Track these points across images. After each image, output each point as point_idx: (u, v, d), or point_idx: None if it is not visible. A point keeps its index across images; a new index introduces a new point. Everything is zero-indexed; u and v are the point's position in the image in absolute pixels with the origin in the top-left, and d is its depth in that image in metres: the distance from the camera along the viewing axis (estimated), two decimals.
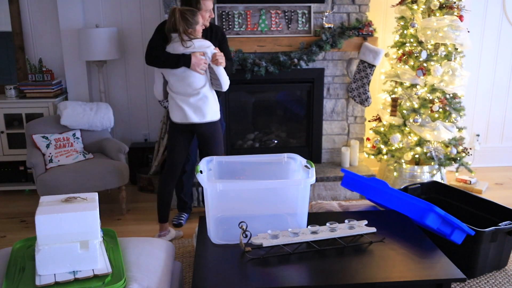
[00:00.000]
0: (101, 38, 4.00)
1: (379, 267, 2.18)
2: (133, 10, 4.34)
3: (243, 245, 2.24)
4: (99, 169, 3.64)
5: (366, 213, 2.80)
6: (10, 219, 3.82)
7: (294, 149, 4.37)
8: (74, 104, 3.99)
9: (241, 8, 4.07)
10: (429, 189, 3.34)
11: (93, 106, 4.06)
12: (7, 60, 4.39)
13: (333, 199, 4.18)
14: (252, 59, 3.98)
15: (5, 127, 4.11)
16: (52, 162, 3.67)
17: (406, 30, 4.08)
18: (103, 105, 4.10)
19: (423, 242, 2.41)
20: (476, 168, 4.66)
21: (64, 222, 1.94)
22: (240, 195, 2.47)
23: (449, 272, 2.13)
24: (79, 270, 1.97)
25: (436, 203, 3.06)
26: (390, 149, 4.18)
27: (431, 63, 3.98)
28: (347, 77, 4.29)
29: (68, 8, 4.14)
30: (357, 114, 4.40)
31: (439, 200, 3.28)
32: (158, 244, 2.41)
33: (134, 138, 4.65)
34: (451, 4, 3.92)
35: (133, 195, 4.25)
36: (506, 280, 2.88)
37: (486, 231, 2.70)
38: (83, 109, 3.97)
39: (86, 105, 4.04)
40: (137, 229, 3.62)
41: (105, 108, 4.07)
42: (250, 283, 2.09)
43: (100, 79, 4.27)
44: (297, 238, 2.29)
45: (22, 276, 1.98)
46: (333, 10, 4.15)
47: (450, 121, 4.05)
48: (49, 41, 4.36)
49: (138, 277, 2.03)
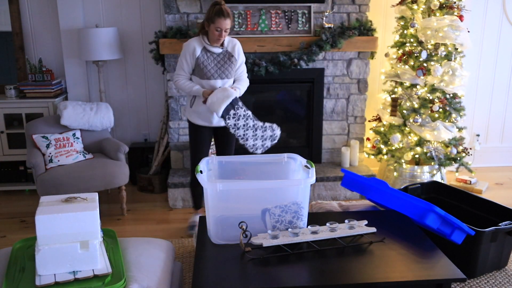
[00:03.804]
0: (101, 38, 4.00)
1: (379, 267, 2.18)
2: (133, 10, 4.34)
3: (243, 245, 2.24)
4: (99, 169, 3.64)
5: (366, 213, 2.80)
6: (10, 219, 3.82)
7: (294, 149, 4.37)
8: (74, 104, 3.99)
9: (241, 8, 4.07)
10: (429, 189, 3.34)
11: (93, 106, 4.06)
12: (7, 60, 4.39)
13: (333, 199, 4.18)
14: (252, 59, 3.98)
15: (5, 127, 4.11)
16: (52, 162, 3.67)
17: (406, 30, 4.08)
18: (103, 105, 4.10)
19: (423, 242, 2.41)
20: (476, 168, 4.66)
21: (64, 222, 1.94)
22: (240, 195, 2.47)
23: (449, 272, 2.13)
24: (79, 270, 1.97)
25: (436, 203, 3.06)
26: (390, 149, 4.18)
27: (431, 63, 3.98)
28: (347, 77, 4.29)
29: (68, 8, 4.14)
30: (357, 114, 4.40)
31: (439, 200, 3.28)
32: (158, 244, 2.41)
33: (134, 138, 4.65)
34: (451, 4, 3.92)
35: (133, 195, 4.25)
36: (506, 280, 2.88)
37: (486, 231, 2.70)
38: (83, 109, 3.97)
39: (86, 105, 4.04)
40: (137, 229, 3.62)
41: (105, 108, 4.07)
42: (250, 283, 2.09)
43: (100, 79, 4.26)
44: (297, 238, 2.29)
45: (22, 276, 1.98)
46: (333, 10, 4.14)
47: (450, 121, 4.05)
48: (49, 41, 4.36)
49: (138, 277, 2.03)
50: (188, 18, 4.08)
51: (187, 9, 4.05)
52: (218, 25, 3.02)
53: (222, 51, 3.18)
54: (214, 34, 3.06)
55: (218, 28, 3.03)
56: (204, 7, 4.04)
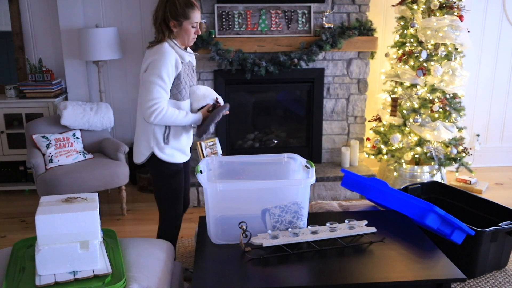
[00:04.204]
0: (101, 38, 4.00)
1: (379, 267, 2.18)
2: (133, 10, 4.33)
3: (243, 245, 2.24)
4: (99, 169, 3.64)
5: (366, 213, 2.80)
6: (10, 219, 3.82)
7: (294, 149, 4.37)
8: (74, 104, 3.99)
9: (241, 8, 4.07)
10: (429, 189, 3.34)
11: (93, 106, 4.06)
12: (7, 60, 4.39)
13: (333, 199, 4.18)
14: (252, 59, 3.98)
15: (5, 127, 4.11)
16: (52, 162, 3.67)
17: (406, 30, 4.08)
18: (103, 105, 4.10)
19: (423, 242, 2.41)
20: (476, 168, 4.66)
21: (64, 222, 1.94)
22: (240, 195, 2.47)
23: (449, 272, 2.13)
24: (79, 270, 1.97)
25: (436, 203, 3.05)
26: (390, 149, 4.18)
27: (431, 63, 3.97)
28: (347, 77, 4.29)
29: (68, 8, 4.14)
30: (357, 114, 4.40)
31: (439, 200, 3.28)
32: (158, 244, 2.41)
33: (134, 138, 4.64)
34: (451, 4, 3.92)
35: (133, 195, 4.25)
36: (506, 280, 2.88)
37: (486, 231, 2.70)
38: (83, 109, 3.97)
39: (86, 105, 4.04)
40: (137, 229, 3.62)
41: (105, 108, 4.07)
42: (250, 283, 2.09)
43: (100, 79, 4.26)
44: (297, 238, 2.29)
45: (22, 276, 1.98)
46: (333, 10, 4.14)
47: (450, 121, 4.05)
48: (49, 41, 4.36)
49: (138, 277, 2.03)
50: None
51: None
52: (194, 19, 2.38)
53: (190, 56, 2.51)
54: (190, 32, 2.40)
55: (194, 24, 2.40)
56: (204, 7, 4.04)
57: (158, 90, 2.31)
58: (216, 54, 3.91)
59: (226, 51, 3.93)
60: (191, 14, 2.36)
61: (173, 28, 2.38)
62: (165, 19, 2.36)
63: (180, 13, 2.34)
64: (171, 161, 2.51)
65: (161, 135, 2.45)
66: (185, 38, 2.42)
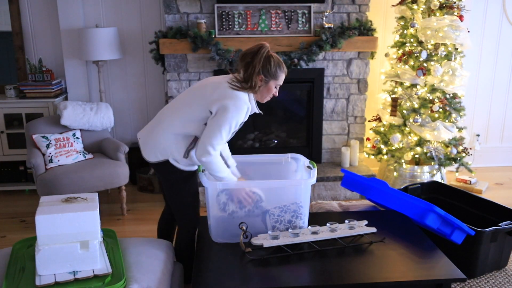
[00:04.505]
0: (101, 38, 4.00)
1: (379, 267, 2.18)
2: (133, 10, 4.33)
3: (244, 246, 2.24)
4: (99, 169, 3.64)
5: (366, 213, 2.80)
6: (10, 219, 3.82)
7: (294, 149, 4.36)
8: (74, 104, 3.99)
9: (241, 8, 4.07)
10: (429, 189, 3.34)
11: (93, 106, 4.06)
12: (7, 60, 4.39)
13: (333, 199, 4.18)
14: None
15: (5, 127, 4.11)
16: (52, 162, 3.67)
17: (406, 30, 4.08)
18: (103, 105, 4.10)
19: (423, 242, 2.41)
20: (476, 168, 4.66)
21: (64, 222, 1.94)
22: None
23: (449, 272, 2.13)
24: (79, 270, 1.97)
25: (436, 203, 3.05)
26: (390, 149, 4.18)
27: (431, 63, 3.97)
28: (347, 77, 4.29)
29: (68, 8, 4.14)
30: (357, 114, 4.40)
31: (439, 200, 3.28)
32: (158, 244, 2.41)
33: (134, 138, 4.65)
34: (451, 4, 3.92)
35: (133, 195, 4.25)
36: (506, 280, 2.88)
37: (486, 231, 2.70)
38: (83, 109, 3.97)
39: (86, 105, 4.04)
40: (137, 229, 3.62)
41: (105, 108, 4.07)
42: (250, 283, 2.09)
43: (100, 79, 4.26)
44: (297, 238, 2.29)
45: (22, 276, 1.99)
46: (333, 10, 4.14)
47: (450, 121, 4.05)
48: (49, 41, 4.36)
49: (138, 277, 2.04)
50: (188, 18, 4.08)
51: (187, 9, 4.05)
52: (280, 81, 2.41)
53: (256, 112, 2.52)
54: (271, 92, 2.42)
55: (277, 85, 2.42)
56: (204, 7, 4.04)
57: (221, 137, 2.31)
58: (216, 54, 3.91)
59: (226, 51, 3.93)
60: (279, 76, 2.38)
61: (259, 81, 2.36)
62: (258, 71, 2.34)
63: (272, 72, 2.35)
64: (186, 170, 2.47)
65: (184, 150, 2.40)
66: (264, 96, 2.42)
